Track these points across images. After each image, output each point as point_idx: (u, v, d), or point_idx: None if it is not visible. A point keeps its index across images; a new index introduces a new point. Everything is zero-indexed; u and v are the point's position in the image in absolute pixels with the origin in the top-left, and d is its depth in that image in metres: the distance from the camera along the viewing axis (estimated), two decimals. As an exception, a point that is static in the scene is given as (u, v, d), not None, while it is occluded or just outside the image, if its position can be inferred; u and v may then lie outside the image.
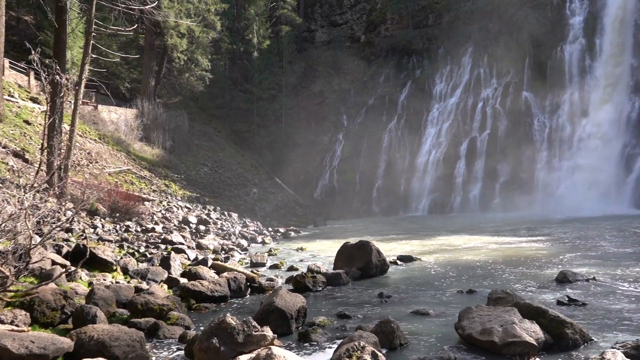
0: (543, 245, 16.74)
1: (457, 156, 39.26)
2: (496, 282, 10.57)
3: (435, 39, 47.06)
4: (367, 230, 26.60)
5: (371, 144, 44.56)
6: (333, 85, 51.81)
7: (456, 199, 38.02)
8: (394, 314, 8.16)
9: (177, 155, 35.28)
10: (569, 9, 39.29)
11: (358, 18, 55.68)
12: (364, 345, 5.47)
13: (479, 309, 6.85)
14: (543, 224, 24.37)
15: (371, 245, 12.40)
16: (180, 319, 8.04)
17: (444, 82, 44.68)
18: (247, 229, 24.94)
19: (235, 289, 10.28)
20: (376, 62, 51.13)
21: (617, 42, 35.60)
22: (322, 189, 44.27)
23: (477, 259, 14.07)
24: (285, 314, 7.40)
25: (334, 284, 11.16)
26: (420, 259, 14.34)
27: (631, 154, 31.92)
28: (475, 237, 20.04)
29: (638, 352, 5.61)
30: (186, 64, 37.47)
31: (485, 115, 39.81)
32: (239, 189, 35.63)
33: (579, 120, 35.36)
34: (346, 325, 7.71)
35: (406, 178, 41.21)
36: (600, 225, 22.13)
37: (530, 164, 35.59)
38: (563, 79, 37.18)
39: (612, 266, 11.83)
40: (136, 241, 16.41)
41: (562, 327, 6.27)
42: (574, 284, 9.88)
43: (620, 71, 34.92)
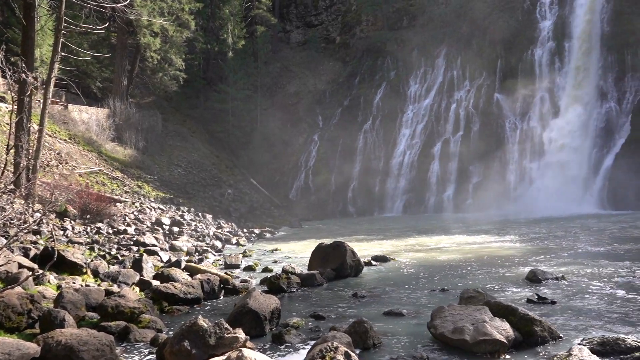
0: (514, 244, 17.04)
1: (431, 157, 39.72)
2: (468, 281, 10.71)
3: (410, 41, 47.51)
4: (342, 231, 26.68)
5: (346, 144, 44.72)
6: (308, 86, 51.84)
7: (430, 200, 38.45)
8: (368, 314, 8.19)
9: (150, 156, 34.78)
10: (539, 13, 40.17)
11: (333, 19, 55.84)
12: (337, 345, 5.48)
13: (451, 308, 6.93)
14: (514, 224, 24.83)
15: (345, 245, 12.44)
16: (152, 322, 7.91)
17: (418, 84, 45.15)
18: (221, 230, 24.73)
19: (209, 290, 10.18)
20: (351, 63, 51.35)
21: (585, 46, 36.54)
22: (298, 189, 44.22)
23: (450, 259, 14.24)
24: (258, 315, 7.35)
25: (308, 284, 11.15)
26: (394, 259, 14.44)
27: (599, 155, 32.79)
28: (449, 237, 20.29)
29: (603, 348, 5.75)
30: (159, 64, 36.97)
31: (458, 117, 40.37)
32: (213, 189, 35.32)
33: (549, 122, 36.16)
34: (320, 326, 7.70)
35: (381, 179, 41.50)
36: (569, 225, 22.65)
37: (502, 165, 36.23)
38: (533, 81, 37.97)
39: (580, 265, 12.12)
40: (107, 243, 16.13)
41: (532, 325, 6.38)
42: (544, 282, 10.07)
43: (588, 74, 35.83)
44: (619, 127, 32.89)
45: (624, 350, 5.67)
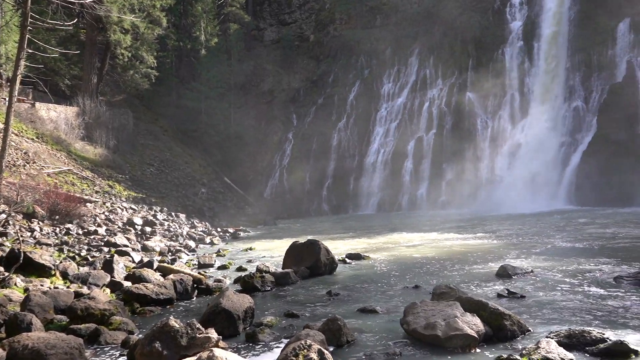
0: (485, 241, 17.34)
1: (405, 155, 40.08)
2: (441, 278, 10.85)
3: (383, 39, 47.81)
4: (317, 229, 26.72)
5: (321, 143, 44.78)
6: (282, 84, 51.70)
7: (404, 197, 38.82)
8: (342, 312, 8.23)
9: (121, 155, 34.17)
10: (509, 13, 40.90)
11: (307, 17, 55.77)
12: (310, 343, 5.48)
13: (423, 304, 7.01)
14: (486, 221, 25.26)
15: (320, 244, 12.46)
16: (123, 323, 7.79)
17: (392, 82, 45.49)
18: (195, 230, 24.49)
19: (182, 291, 10.07)
20: (325, 62, 51.40)
21: (553, 47, 37.38)
22: (272, 188, 44.11)
23: (424, 256, 14.40)
24: (232, 315, 7.31)
25: (282, 283, 11.13)
26: (368, 257, 14.53)
27: (566, 152, 33.60)
28: (422, 235, 20.52)
29: (570, 341, 5.90)
30: (130, 61, 36.32)
31: (431, 115, 40.82)
32: (186, 189, 34.93)
33: (519, 120, 36.90)
34: (294, 325, 7.70)
35: (355, 177, 41.72)
36: (538, 221, 23.16)
37: (473, 163, 36.80)
38: (504, 80, 38.67)
39: (548, 260, 12.40)
40: (77, 244, 15.80)
41: (501, 319, 6.51)
42: (514, 277, 10.28)
43: (556, 74, 36.67)
44: (586, 125, 33.76)
45: (589, 342, 5.83)
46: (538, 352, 5.45)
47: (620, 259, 11.89)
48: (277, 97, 51.05)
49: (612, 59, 34.17)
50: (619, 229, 18.43)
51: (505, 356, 5.64)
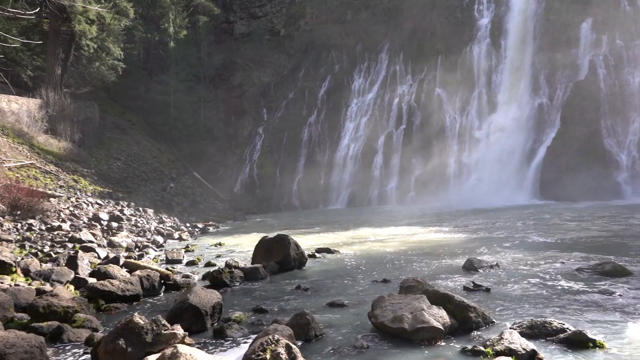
0: (453, 235, 17.63)
1: (375, 150, 40.37)
2: (409, 271, 10.98)
3: (354, 35, 47.96)
4: (287, 224, 26.68)
5: (291, 137, 44.70)
6: (253, 78, 51.32)
7: (374, 192, 39.13)
8: (311, 306, 8.25)
9: (87, 149, 33.37)
10: (477, 11, 41.57)
11: (278, 11, 55.41)
12: (278, 338, 5.47)
13: (391, 298, 7.08)
14: (453, 215, 25.68)
15: (289, 238, 12.44)
16: (87, 321, 7.61)
17: (362, 78, 45.71)
18: (163, 225, 24.14)
19: (149, 287, 9.90)
20: (296, 56, 51.25)
21: (520, 44, 38.18)
22: (242, 183, 43.83)
23: (393, 250, 14.55)
24: (199, 310, 7.23)
25: (251, 278, 11.08)
26: (338, 251, 14.59)
27: (532, 148, 34.42)
28: (391, 229, 20.72)
29: (532, 331, 6.06)
30: (96, 52, 35.44)
31: (401, 111, 41.21)
32: (155, 183, 34.38)
33: (487, 116, 37.60)
34: (263, 320, 7.67)
35: (326, 172, 41.82)
36: (504, 215, 23.68)
37: (442, 158, 37.35)
38: (472, 77, 39.32)
39: (513, 253, 12.70)
40: (40, 240, 15.37)
41: (467, 312, 6.63)
42: (480, 270, 10.48)
43: (522, 71, 37.47)
44: (550, 121, 34.65)
45: (550, 333, 6.00)
46: (501, 343, 5.57)
47: (581, 252, 12.26)
48: (248, 91, 50.67)
49: (575, 57, 35.12)
50: (581, 222, 19.01)
51: (470, 347, 5.75)
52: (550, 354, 5.60)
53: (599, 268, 9.51)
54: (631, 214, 20.83)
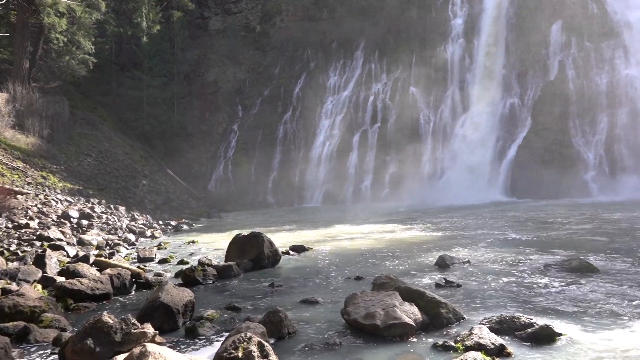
0: (426, 232, 17.83)
1: (350, 148, 40.53)
2: (382, 268, 11.07)
3: (329, 32, 47.99)
4: (262, 222, 26.60)
5: (266, 135, 44.53)
6: (228, 74, 50.89)
7: (349, 190, 39.30)
8: (284, 304, 8.24)
9: (56, 145, 32.58)
10: (451, 10, 42.06)
11: (253, 7, 54.98)
12: (250, 336, 5.45)
13: (364, 295, 7.12)
14: (427, 213, 25.97)
15: (263, 236, 12.40)
16: (54, 320, 7.44)
17: (338, 76, 45.80)
18: (135, 223, 23.77)
19: (119, 285, 9.75)
20: (271, 53, 51.02)
21: (492, 44, 38.81)
22: (217, 180, 43.48)
23: (366, 247, 14.64)
24: (171, 309, 7.15)
25: (224, 276, 11.01)
26: (312, 249, 14.60)
27: (503, 146, 35.06)
28: (365, 226, 20.84)
29: (501, 326, 6.18)
30: (66, 46, 34.60)
31: (376, 109, 41.46)
32: (127, 180, 33.80)
33: (460, 115, 38.11)
34: (235, 318, 7.64)
35: (301, 169, 41.79)
36: (476, 213, 24.06)
37: (416, 156, 37.73)
38: (446, 76, 39.80)
39: (484, 250, 12.92)
40: (6, 238, 14.98)
41: (438, 308, 6.71)
42: (451, 267, 10.63)
43: (494, 71, 38.10)
44: (521, 120, 35.33)
45: (518, 327, 6.12)
46: (471, 338, 5.67)
47: (549, 248, 12.55)
48: (222, 88, 50.22)
49: (545, 58, 35.85)
50: (550, 220, 19.45)
51: (441, 343, 5.84)
52: (518, 349, 5.72)
53: (566, 264, 9.74)
54: (597, 211, 21.41)
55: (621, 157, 31.11)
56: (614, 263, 10.26)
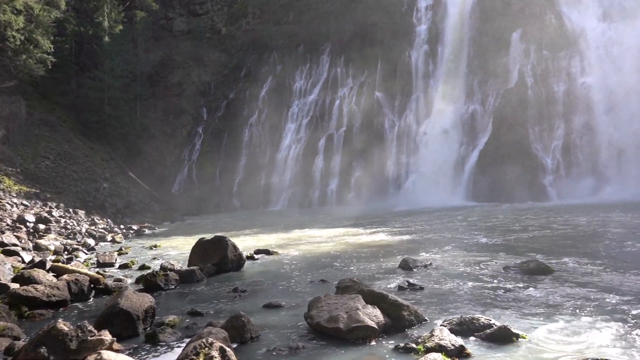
0: (390, 235, 18.01)
1: (316, 152, 40.60)
2: (346, 272, 11.11)
3: (296, 36, 48.03)
4: (227, 225, 26.33)
5: (232, 138, 44.18)
6: (192, 76, 50.27)
7: (315, 193, 39.34)
8: (247, 308, 8.17)
9: (12, 147, 31.45)
10: (415, 17, 42.72)
11: (219, 9, 54.52)
12: (212, 341, 5.39)
13: (327, 298, 7.14)
14: (391, 216, 26.23)
15: (227, 240, 12.28)
16: (7, 329, 7.16)
17: (304, 79, 45.86)
18: (95, 227, 23.17)
19: (77, 292, 9.47)
20: (237, 56, 50.69)
21: (455, 51, 39.59)
22: (181, 183, 42.84)
23: (331, 250, 14.67)
24: (130, 315, 6.99)
25: (187, 281, 10.84)
26: (277, 252, 14.55)
27: (465, 151, 35.77)
28: (331, 230, 20.90)
29: (461, 327, 6.30)
30: (23, 45, 33.46)
31: (341, 113, 41.69)
32: (87, 184, 32.91)
33: (423, 120, 38.71)
34: (198, 323, 7.53)
35: (267, 172, 41.63)
36: (439, 216, 24.45)
37: (381, 160, 38.10)
38: (410, 81, 40.37)
39: (446, 252, 13.14)
40: (-44, 244, 14.34)
41: (400, 310, 6.79)
42: (414, 270, 10.76)
43: (457, 77, 38.88)
44: (483, 126, 36.13)
45: (478, 328, 6.25)
46: (432, 339, 5.75)
47: (509, 251, 12.86)
48: (187, 90, 49.57)
49: (506, 66, 36.80)
50: (510, 223, 19.95)
51: (402, 345, 5.91)
52: (477, 349, 5.84)
53: (524, 266, 10.01)
54: (555, 215, 22.08)
55: (577, 162, 32.19)
56: (569, 264, 10.60)
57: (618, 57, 33.25)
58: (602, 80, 33.14)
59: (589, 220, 18.67)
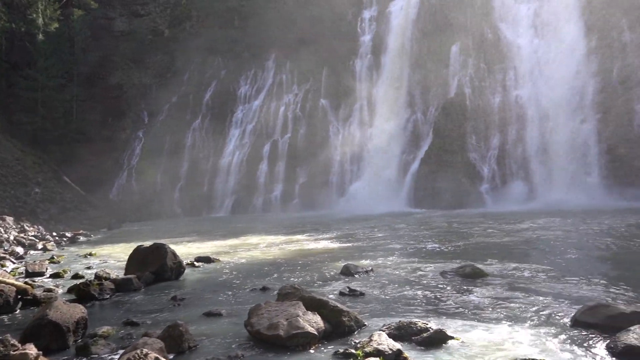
0: (333, 242, 18.14)
1: (260, 158, 40.40)
2: (288, 279, 11.09)
3: (241, 41, 47.70)
4: (167, 232, 25.65)
5: (174, 142, 43.21)
6: (133, 78, 48.81)
7: (259, 200, 39.09)
8: (186, 317, 7.99)
9: None
10: (360, 27, 43.51)
11: (162, 11, 53.26)
12: (146, 352, 5.23)
13: (268, 305, 7.09)
14: (335, 223, 26.43)
15: (166, 247, 11.96)
16: None
17: (249, 85, 45.61)
18: (25, 235, 21.99)
19: (2, 303, 8.91)
20: (180, 59, 49.66)
21: (398, 62, 40.59)
22: (119, 189, 41.40)
23: (274, 257, 14.61)
24: (60, 327, 6.66)
25: (124, 290, 10.46)
26: (218, 260, 14.31)
27: (407, 159, 36.67)
28: (274, 237, 20.80)
29: (399, 332, 6.43)
30: (-53, 40, 31.47)
31: (286, 119, 41.74)
32: (16, 188, 31.18)
33: (367, 128, 39.41)
34: (133, 334, 7.28)
35: (209, 178, 40.99)
36: (381, 222, 24.88)
37: (326, 167, 38.41)
38: (354, 90, 41.02)
39: (387, 258, 13.38)
40: None
41: (340, 316, 6.84)
42: (356, 276, 10.89)
43: (400, 87, 39.86)
44: (424, 135, 37.20)
45: (415, 332, 6.40)
46: (370, 344, 5.83)
47: (446, 256, 13.28)
48: (127, 92, 48.08)
49: (446, 77, 38.10)
50: (448, 229, 20.60)
51: (342, 350, 5.96)
52: (414, 352, 5.98)
53: (460, 271, 10.35)
54: (490, 221, 22.99)
55: (511, 171, 33.73)
56: (502, 268, 11.06)
57: (547, 71, 35.22)
58: (533, 93, 34.97)
59: (521, 226, 19.57)
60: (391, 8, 42.52)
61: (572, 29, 35.27)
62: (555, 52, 35.46)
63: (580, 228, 18.28)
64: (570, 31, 35.31)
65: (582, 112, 33.08)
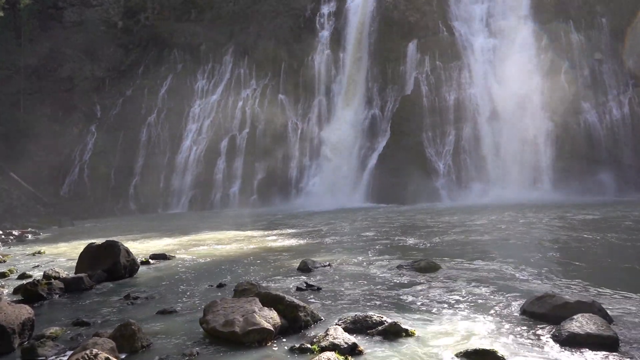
0: (291, 237, 18.14)
1: (218, 153, 39.92)
2: (245, 275, 11.02)
3: (198, 35, 46.90)
4: (121, 229, 25.03)
5: (128, 137, 42.12)
6: (85, 71, 47.21)
7: (216, 196, 38.66)
8: (139, 316, 7.81)
9: None
10: (318, 22, 43.56)
11: (115, 2, 51.62)
12: (96, 352, 5.08)
13: (224, 302, 7.02)
14: (294, 218, 26.46)
15: (119, 245, 11.65)
16: None
17: (206, 79, 44.94)
18: (-32, 233, 20.95)
19: (-59, 306, 8.47)
20: (135, 52, 48.42)
21: (356, 58, 40.89)
22: (70, 185, 40.04)
23: (231, 254, 14.47)
24: (4, 329, 6.38)
25: (74, 289, 10.12)
26: (174, 257, 14.07)
27: (365, 155, 37.06)
28: (232, 233, 20.63)
29: (355, 326, 6.49)
30: None
31: (245, 115, 41.38)
32: (-42, 185, 29.68)
33: (325, 124, 39.57)
34: (83, 334, 7.06)
35: (166, 174, 40.23)
36: (339, 218, 25.08)
37: (284, 163, 38.33)
38: (313, 85, 41.07)
39: (344, 253, 13.49)
40: None
41: (296, 311, 6.85)
42: (313, 271, 10.92)
43: (358, 83, 40.20)
44: (382, 131, 37.67)
45: (370, 326, 6.47)
46: (326, 339, 5.86)
47: (403, 250, 13.50)
48: (79, 86, 46.46)
49: (403, 74, 38.68)
50: (405, 223, 20.95)
51: (298, 345, 5.96)
52: (369, 345, 6.04)
53: (416, 265, 10.54)
54: (445, 215, 23.55)
55: (466, 167, 34.62)
56: (456, 262, 11.33)
57: (499, 70, 36.30)
58: (486, 91, 35.97)
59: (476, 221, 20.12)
60: (349, 4, 42.78)
61: (523, 28, 36.48)
62: (506, 51, 36.58)
63: (533, 222, 18.97)
64: (521, 30, 36.51)
65: (533, 110, 34.31)
